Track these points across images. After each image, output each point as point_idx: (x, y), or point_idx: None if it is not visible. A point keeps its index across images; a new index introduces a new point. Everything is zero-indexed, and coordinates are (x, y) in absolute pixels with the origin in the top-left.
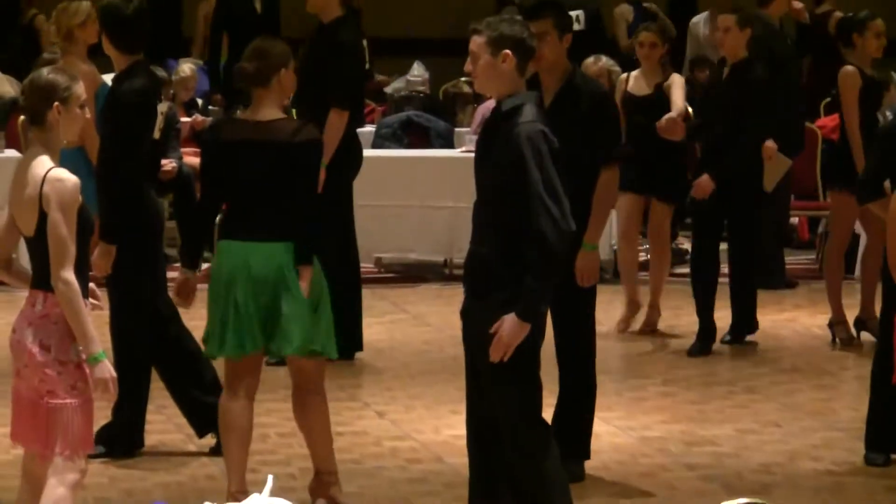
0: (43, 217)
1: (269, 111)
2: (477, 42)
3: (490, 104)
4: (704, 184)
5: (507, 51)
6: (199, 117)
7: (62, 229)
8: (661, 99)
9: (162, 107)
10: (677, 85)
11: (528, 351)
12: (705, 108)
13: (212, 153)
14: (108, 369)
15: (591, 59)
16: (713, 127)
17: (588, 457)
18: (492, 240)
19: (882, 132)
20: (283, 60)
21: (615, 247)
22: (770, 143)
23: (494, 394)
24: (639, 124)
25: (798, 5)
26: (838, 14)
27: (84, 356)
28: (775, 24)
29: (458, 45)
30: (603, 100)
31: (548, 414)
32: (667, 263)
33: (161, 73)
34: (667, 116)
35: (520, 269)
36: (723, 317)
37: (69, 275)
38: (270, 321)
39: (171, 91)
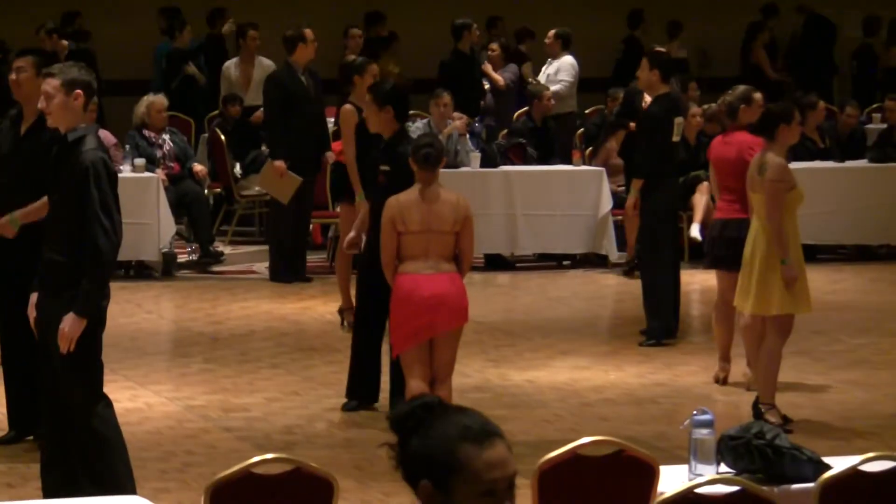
0: None
1: None
2: (52, 84)
3: None
4: None
5: (79, 90)
6: None
7: None
8: None
9: None
10: None
11: (89, 339)
12: None
13: None
14: None
15: None
16: None
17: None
18: (63, 248)
19: None
20: None
21: None
22: (280, 163)
23: (63, 377)
24: None
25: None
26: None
27: None
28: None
29: None
30: None
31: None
32: None
33: None
34: None
35: (82, 272)
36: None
37: None
38: None
39: None
